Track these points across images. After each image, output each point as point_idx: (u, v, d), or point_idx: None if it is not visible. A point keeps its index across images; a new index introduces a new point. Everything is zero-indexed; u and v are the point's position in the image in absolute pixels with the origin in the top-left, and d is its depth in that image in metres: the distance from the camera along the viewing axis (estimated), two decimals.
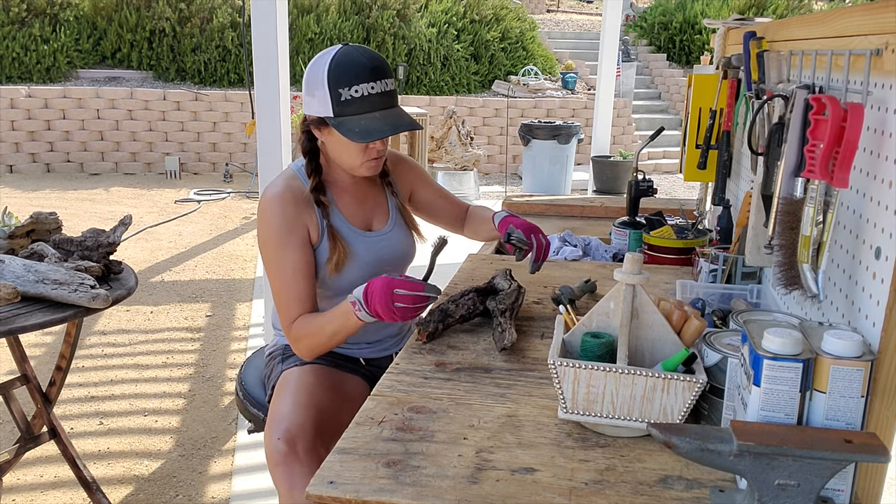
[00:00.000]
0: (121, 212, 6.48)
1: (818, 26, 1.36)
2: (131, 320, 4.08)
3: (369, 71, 1.52)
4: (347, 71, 1.52)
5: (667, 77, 11.17)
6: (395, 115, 1.58)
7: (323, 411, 1.57)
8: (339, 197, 1.71)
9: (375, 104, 1.54)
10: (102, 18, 9.16)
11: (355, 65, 1.53)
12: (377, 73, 1.54)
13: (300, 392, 1.60)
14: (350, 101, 1.53)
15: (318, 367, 1.71)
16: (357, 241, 1.69)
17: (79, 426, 2.93)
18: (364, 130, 1.53)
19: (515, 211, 2.98)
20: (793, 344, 0.96)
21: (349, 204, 1.71)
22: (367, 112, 1.55)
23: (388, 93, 1.56)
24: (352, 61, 1.53)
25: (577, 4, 16.20)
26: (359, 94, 1.52)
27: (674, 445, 0.95)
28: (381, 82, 1.54)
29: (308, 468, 1.44)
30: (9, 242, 2.10)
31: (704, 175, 2.24)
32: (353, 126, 1.54)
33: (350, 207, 1.71)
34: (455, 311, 1.53)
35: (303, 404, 1.55)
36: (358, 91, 1.52)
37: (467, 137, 7.70)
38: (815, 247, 1.11)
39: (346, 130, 1.54)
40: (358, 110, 1.54)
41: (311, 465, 1.44)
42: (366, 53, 1.56)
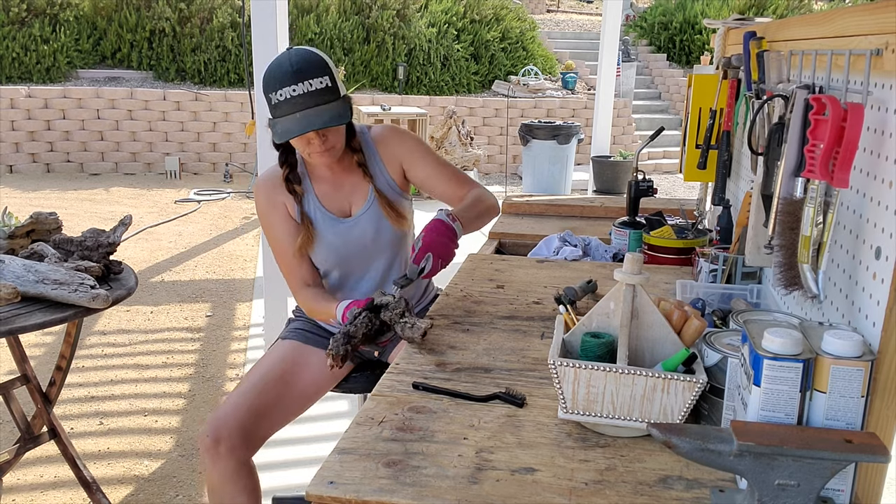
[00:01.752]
0: (121, 212, 6.48)
1: (818, 26, 1.35)
2: (131, 320, 4.08)
3: (290, 75, 1.62)
4: (273, 77, 1.65)
5: (667, 77, 11.17)
6: (314, 114, 1.64)
7: (259, 412, 1.72)
8: (317, 184, 1.85)
9: (297, 105, 1.63)
10: (102, 18, 9.16)
11: (279, 70, 1.64)
12: (299, 76, 1.62)
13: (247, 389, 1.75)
14: (277, 104, 1.65)
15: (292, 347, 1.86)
16: (328, 225, 1.82)
17: (79, 426, 2.93)
18: (282, 131, 1.66)
19: (515, 211, 2.98)
20: (793, 344, 0.96)
21: (327, 191, 1.84)
22: (290, 114, 1.64)
23: (311, 93, 1.63)
24: (278, 66, 1.65)
25: (577, 4, 16.20)
26: (283, 98, 1.63)
27: (674, 445, 0.95)
28: (303, 84, 1.62)
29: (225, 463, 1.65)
30: (9, 242, 2.10)
31: (704, 175, 2.24)
32: (278, 128, 1.67)
33: (328, 194, 1.84)
34: (356, 332, 1.57)
35: (242, 406, 1.71)
36: (282, 95, 1.63)
37: (467, 137, 7.70)
38: (816, 247, 1.11)
39: (274, 132, 1.69)
40: (283, 112, 1.65)
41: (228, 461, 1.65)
42: (294, 57, 1.65)
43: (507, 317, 1.68)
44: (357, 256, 1.85)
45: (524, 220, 2.87)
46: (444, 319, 1.66)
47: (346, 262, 1.86)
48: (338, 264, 1.86)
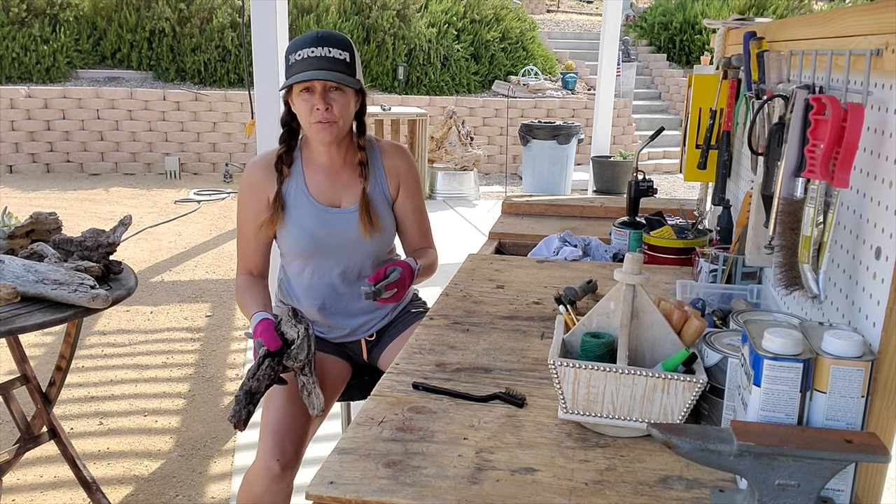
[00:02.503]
0: (121, 212, 6.48)
1: (818, 26, 1.35)
2: (131, 320, 4.08)
3: (314, 39, 1.69)
4: (297, 42, 1.72)
5: (667, 77, 11.17)
6: (324, 73, 1.68)
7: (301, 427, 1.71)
8: (311, 170, 1.86)
9: (312, 64, 1.68)
10: (102, 19, 9.16)
11: (304, 37, 1.71)
12: (321, 41, 1.69)
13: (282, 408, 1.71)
14: (293, 63, 1.70)
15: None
16: (310, 212, 1.83)
17: (79, 426, 2.92)
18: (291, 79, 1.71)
19: (515, 211, 2.98)
20: (793, 344, 0.96)
21: (320, 181, 1.85)
22: (303, 71, 1.69)
23: (327, 58, 1.68)
24: (304, 35, 1.72)
25: (577, 4, 16.21)
26: (300, 57, 1.69)
27: (674, 445, 0.95)
28: (322, 48, 1.68)
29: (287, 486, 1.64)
30: (9, 242, 2.10)
31: (704, 175, 2.24)
32: (287, 81, 1.72)
33: (320, 183, 1.85)
34: (259, 387, 1.56)
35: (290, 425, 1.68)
36: (300, 55, 1.69)
37: (467, 137, 7.70)
38: (816, 247, 1.11)
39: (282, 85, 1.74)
40: (297, 69, 1.70)
41: (290, 484, 1.66)
42: (322, 31, 1.73)
43: (507, 317, 1.68)
44: (335, 250, 1.84)
45: (524, 220, 2.87)
46: (444, 319, 1.66)
47: (322, 252, 1.84)
48: (314, 253, 1.84)
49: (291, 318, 1.66)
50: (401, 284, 1.74)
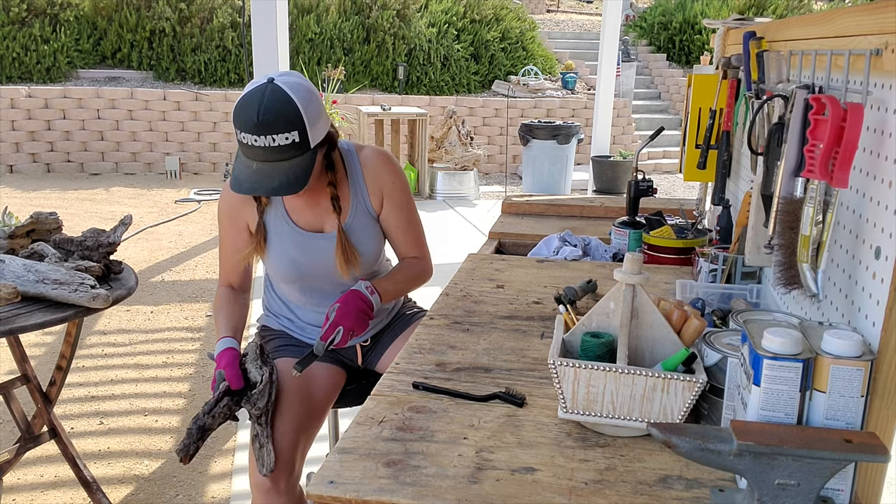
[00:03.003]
0: (121, 212, 6.48)
1: (818, 26, 1.36)
2: (131, 320, 4.08)
3: (255, 126, 1.53)
4: (240, 115, 1.56)
5: (667, 77, 11.17)
6: (269, 171, 1.57)
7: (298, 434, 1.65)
8: (291, 198, 1.77)
9: (257, 155, 1.56)
10: (102, 18, 9.16)
11: (246, 112, 1.54)
12: (263, 129, 1.53)
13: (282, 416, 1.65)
14: (240, 141, 1.58)
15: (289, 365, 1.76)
16: (292, 238, 1.78)
17: (79, 426, 2.93)
18: (235, 177, 1.61)
19: (515, 211, 2.98)
20: (793, 344, 0.96)
21: (300, 206, 1.78)
22: (248, 158, 1.59)
23: (272, 148, 1.54)
24: (247, 106, 1.54)
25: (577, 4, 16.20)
26: (244, 141, 1.56)
27: (674, 445, 0.95)
28: (265, 138, 1.53)
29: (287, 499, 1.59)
30: (9, 242, 2.10)
31: (704, 175, 2.24)
32: (236, 164, 1.62)
33: (299, 208, 1.78)
34: (213, 424, 1.55)
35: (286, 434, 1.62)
36: (244, 138, 1.56)
37: (467, 137, 7.70)
38: (815, 246, 1.11)
39: (234, 165, 1.64)
40: (243, 153, 1.60)
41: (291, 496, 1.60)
42: (266, 103, 1.53)
43: (507, 317, 1.69)
44: (318, 275, 1.79)
45: (524, 220, 2.87)
46: (443, 319, 1.66)
47: (309, 277, 1.80)
48: (300, 278, 1.81)
49: (258, 357, 1.63)
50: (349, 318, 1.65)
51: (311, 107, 1.59)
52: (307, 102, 1.58)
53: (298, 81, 1.60)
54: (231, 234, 1.81)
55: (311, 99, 1.59)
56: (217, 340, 1.70)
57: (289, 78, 1.60)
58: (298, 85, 1.59)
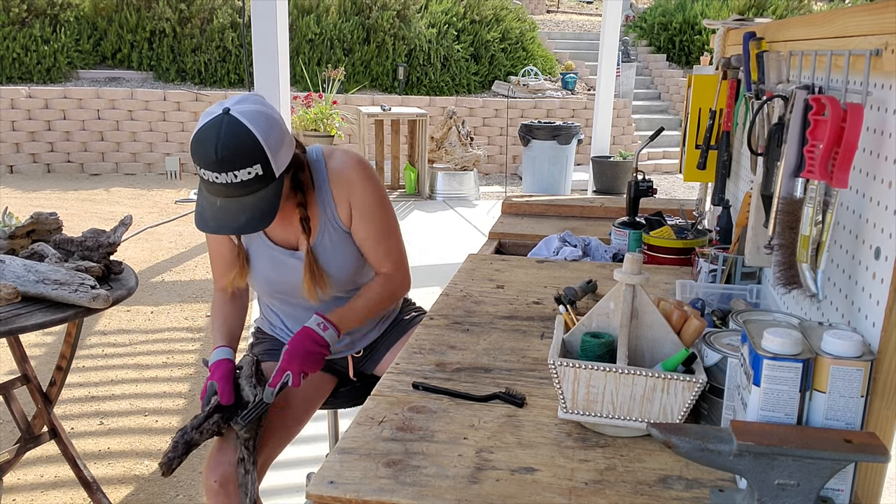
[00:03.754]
0: (121, 212, 6.48)
1: (818, 26, 1.36)
2: (131, 320, 4.08)
3: (214, 163, 1.44)
4: (198, 152, 1.46)
5: (667, 77, 11.17)
6: (234, 208, 1.49)
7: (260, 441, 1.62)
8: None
9: (219, 191, 1.48)
10: (103, 19, 9.16)
11: (204, 149, 1.45)
12: (223, 166, 1.44)
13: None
14: (201, 177, 1.50)
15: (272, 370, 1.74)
16: (266, 252, 1.73)
17: (79, 426, 2.93)
18: (199, 214, 1.54)
19: (515, 211, 2.98)
20: (792, 344, 0.96)
21: (275, 224, 1.69)
22: (211, 194, 1.52)
23: (234, 184, 1.46)
24: (204, 142, 1.45)
25: (577, 5, 16.21)
26: (205, 177, 1.48)
27: (674, 445, 0.95)
28: (227, 174, 1.45)
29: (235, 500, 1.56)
30: (9, 242, 2.11)
31: (704, 175, 2.24)
32: (199, 199, 1.56)
33: (275, 226, 1.71)
34: (199, 439, 1.55)
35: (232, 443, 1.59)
36: (205, 174, 1.48)
37: (467, 138, 7.71)
38: (815, 246, 1.11)
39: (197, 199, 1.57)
40: (205, 186, 1.52)
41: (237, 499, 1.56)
42: (224, 140, 1.44)
43: (507, 317, 1.69)
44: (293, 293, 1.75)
45: (524, 220, 2.87)
46: (443, 319, 1.66)
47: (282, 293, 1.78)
48: (274, 294, 1.79)
49: (253, 374, 1.62)
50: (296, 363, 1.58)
51: (272, 135, 1.49)
52: (267, 131, 1.47)
53: (255, 109, 1.49)
54: (214, 239, 1.77)
55: (270, 126, 1.49)
56: (213, 348, 1.69)
57: (245, 106, 1.48)
58: (256, 113, 1.48)
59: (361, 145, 7.62)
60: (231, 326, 1.76)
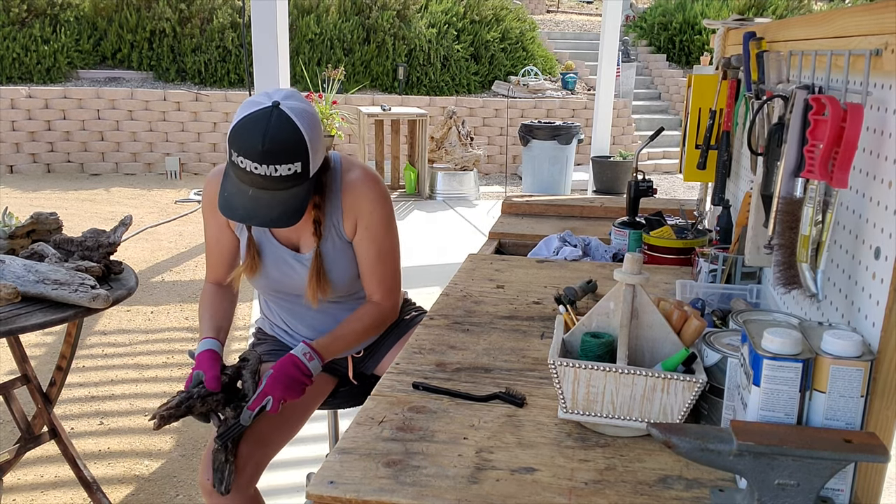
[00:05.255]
0: (121, 212, 6.48)
1: (818, 26, 1.36)
2: (132, 320, 4.08)
3: (259, 154, 1.45)
4: (242, 139, 1.46)
5: (667, 77, 11.17)
6: (267, 200, 1.50)
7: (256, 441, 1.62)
8: None
9: (255, 181, 1.48)
10: (103, 19, 9.16)
11: (250, 139, 1.45)
12: (267, 158, 1.45)
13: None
14: (237, 164, 1.49)
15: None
16: (271, 251, 1.73)
17: (79, 426, 2.93)
18: (227, 199, 1.53)
19: (515, 211, 2.98)
20: (792, 344, 0.96)
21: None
22: (244, 183, 1.50)
23: (273, 178, 1.47)
24: (251, 132, 1.45)
25: (577, 5, 16.20)
26: (244, 166, 1.47)
27: (674, 445, 0.95)
28: (268, 167, 1.46)
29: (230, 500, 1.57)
30: (9, 242, 2.11)
31: (704, 175, 2.24)
32: (227, 185, 1.54)
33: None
34: (200, 409, 1.53)
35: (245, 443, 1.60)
36: (244, 163, 1.47)
37: (467, 138, 7.71)
38: (814, 246, 1.11)
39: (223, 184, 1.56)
40: (239, 176, 1.51)
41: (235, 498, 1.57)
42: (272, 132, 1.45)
43: (507, 317, 1.69)
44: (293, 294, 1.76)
45: (524, 220, 2.87)
46: (444, 319, 1.66)
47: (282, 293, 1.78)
48: (275, 293, 1.79)
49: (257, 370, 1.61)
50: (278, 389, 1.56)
51: (315, 135, 1.51)
52: (312, 131, 1.50)
53: (303, 107, 1.51)
54: (214, 229, 1.76)
55: (314, 126, 1.52)
56: (200, 339, 1.68)
57: (293, 102, 1.50)
58: (303, 111, 1.50)
59: (361, 145, 7.62)
60: (218, 319, 1.75)
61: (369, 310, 1.76)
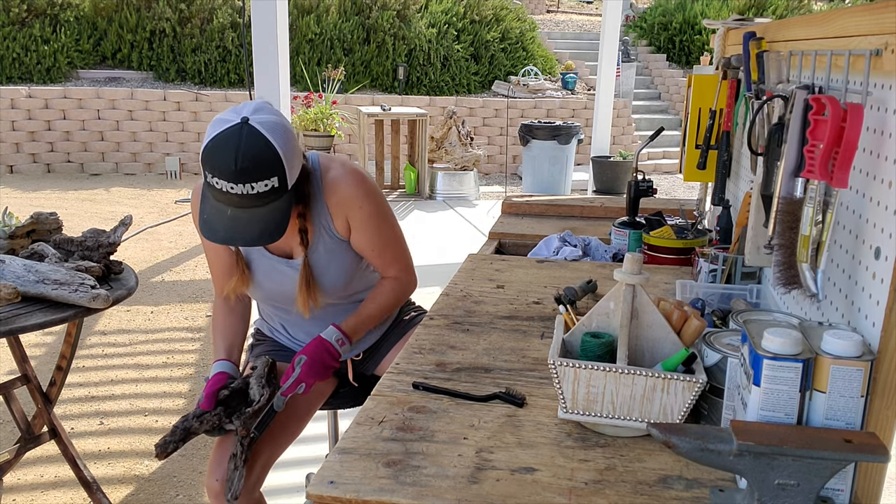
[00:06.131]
0: (121, 212, 6.48)
1: (818, 26, 1.36)
2: (132, 320, 4.08)
3: (233, 174, 1.42)
4: (213, 160, 1.43)
5: (667, 77, 11.17)
6: (246, 222, 1.48)
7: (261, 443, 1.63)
8: None
9: (231, 201, 1.46)
10: (103, 19, 9.16)
11: (223, 159, 1.41)
12: (241, 177, 1.42)
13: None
14: (212, 185, 1.46)
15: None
16: (260, 261, 1.72)
17: (79, 426, 2.93)
18: (207, 222, 1.51)
19: (515, 211, 2.98)
20: (793, 344, 0.96)
21: None
22: (221, 203, 1.48)
23: (250, 196, 1.44)
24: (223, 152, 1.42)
25: (577, 5, 16.20)
26: (219, 187, 1.45)
27: (674, 445, 0.95)
28: (244, 185, 1.43)
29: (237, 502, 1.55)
30: (9, 242, 2.11)
31: (704, 175, 2.24)
32: (205, 207, 1.52)
33: None
34: (199, 429, 1.54)
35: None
36: (219, 184, 1.44)
37: (467, 138, 7.71)
38: (815, 246, 1.11)
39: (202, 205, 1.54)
40: (215, 196, 1.48)
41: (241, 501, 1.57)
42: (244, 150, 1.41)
43: (507, 317, 1.69)
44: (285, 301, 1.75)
45: (524, 220, 2.87)
46: (444, 319, 1.66)
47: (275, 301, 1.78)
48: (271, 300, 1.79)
49: (264, 375, 1.62)
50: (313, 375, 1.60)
51: (289, 147, 1.48)
52: (285, 143, 1.47)
53: (274, 119, 1.48)
54: (212, 247, 1.74)
55: (287, 138, 1.48)
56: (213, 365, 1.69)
57: (263, 116, 1.46)
58: (275, 124, 1.46)
59: (361, 145, 7.62)
60: (230, 338, 1.75)
61: (391, 284, 1.78)
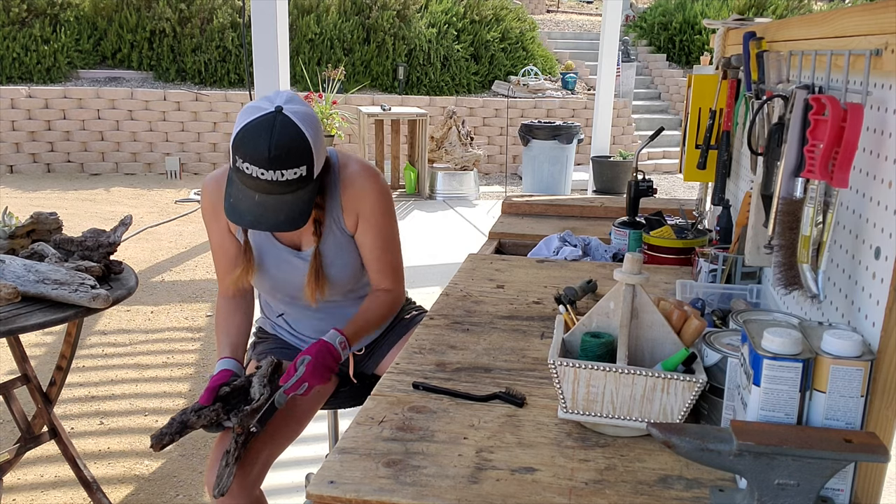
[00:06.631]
0: (121, 212, 6.48)
1: (818, 26, 1.36)
2: (132, 320, 4.08)
3: (266, 160, 1.46)
4: (246, 146, 1.47)
5: (667, 77, 11.17)
6: (273, 205, 1.52)
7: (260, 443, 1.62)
8: None
9: (260, 187, 1.50)
10: (103, 19, 9.16)
11: (255, 145, 1.46)
12: (273, 164, 1.47)
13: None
14: (242, 170, 1.50)
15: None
16: (270, 251, 1.73)
17: (79, 426, 2.93)
18: (233, 206, 1.54)
19: (515, 211, 2.98)
20: (792, 344, 0.96)
21: None
22: (249, 188, 1.51)
23: (279, 182, 1.49)
24: (255, 139, 1.46)
25: (577, 5, 16.20)
26: (249, 172, 1.48)
27: (674, 445, 0.95)
28: (275, 172, 1.47)
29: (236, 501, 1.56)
30: (9, 242, 2.11)
31: (704, 175, 2.24)
32: (232, 191, 1.55)
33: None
34: (196, 423, 1.53)
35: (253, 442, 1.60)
36: (249, 169, 1.48)
37: (467, 138, 7.71)
38: (815, 247, 1.11)
39: (227, 190, 1.57)
40: (244, 182, 1.51)
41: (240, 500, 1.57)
42: (277, 138, 1.46)
43: (507, 317, 1.69)
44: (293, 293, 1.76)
45: (524, 220, 2.87)
46: (444, 319, 1.66)
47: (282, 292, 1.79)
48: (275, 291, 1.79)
49: (267, 375, 1.62)
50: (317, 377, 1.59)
51: (317, 137, 1.54)
52: (315, 134, 1.53)
53: (305, 111, 1.53)
54: (216, 235, 1.76)
55: (317, 129, 1.54)
56: (218, 363, 1.69)
57: (295, 106, 1.52)
58: (305, 115, 1.52)
59: (361, 145, 7.62)
60: (233, 335, 1.75)
61: (384, 296, 1.79)
